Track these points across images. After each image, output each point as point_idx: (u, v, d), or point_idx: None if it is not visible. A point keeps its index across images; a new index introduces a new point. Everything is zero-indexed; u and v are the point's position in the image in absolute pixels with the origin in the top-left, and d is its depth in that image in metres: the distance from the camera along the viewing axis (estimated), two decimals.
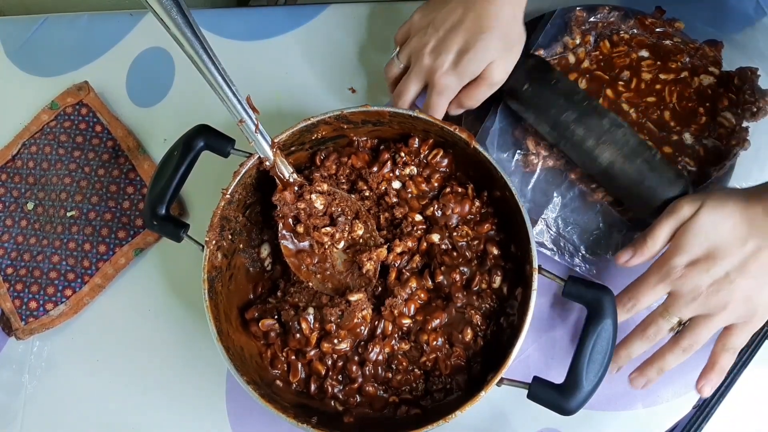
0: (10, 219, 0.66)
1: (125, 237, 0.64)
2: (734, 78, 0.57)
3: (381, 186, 0.55)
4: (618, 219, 0.56)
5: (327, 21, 0.69)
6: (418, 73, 0.54)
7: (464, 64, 0.51)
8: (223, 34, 0.70)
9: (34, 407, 0.61)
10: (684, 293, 0.47)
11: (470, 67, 0.52)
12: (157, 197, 0.51)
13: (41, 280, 0.63)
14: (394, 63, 0.57)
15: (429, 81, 0.54)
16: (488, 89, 0.54)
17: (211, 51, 0.41)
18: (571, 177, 0.57)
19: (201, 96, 0.66)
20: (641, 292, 0.48)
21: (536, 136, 0.57)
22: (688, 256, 0.47)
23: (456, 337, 0.51)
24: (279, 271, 0.57)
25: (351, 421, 0.51)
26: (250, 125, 0.47)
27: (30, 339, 0.63)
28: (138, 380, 0.61)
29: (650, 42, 0.60)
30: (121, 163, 0.67)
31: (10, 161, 0.68)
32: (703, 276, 0.46)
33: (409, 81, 0.55)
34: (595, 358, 0.44)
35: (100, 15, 0.74)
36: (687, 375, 0.55)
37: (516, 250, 0.52)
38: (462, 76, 0.52)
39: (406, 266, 0.54)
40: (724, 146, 0.55)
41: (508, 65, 0.53)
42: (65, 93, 0.69)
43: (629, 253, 0.50)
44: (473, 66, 0.52)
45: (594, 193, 0.56)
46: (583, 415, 0.50)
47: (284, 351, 0.53)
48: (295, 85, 0.68)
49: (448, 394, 0.52)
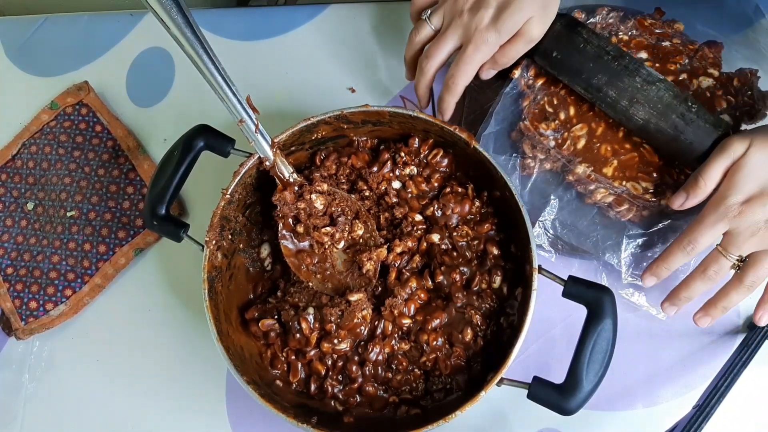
0: (10, 219, 0.66)
1: (125, 237, 0.64)
2: (734, 80, 0.57)
3: (381, 186, 0.55)
4: (616, 221, 0.56)
5: (327, 21, 0.70)
6: (455, 30, 0.53)
7: (504, 18, 0.51)
8: (223, 34, 0.70)
9: (34, 407, 0.61)
10: (742, 230, 0.47)
11: (510, 22, 0.51)
12: (157, 197, 0.51)
13: (41, 280, 0.63)
14: (425, 26, 0.55)
15: (466, 38, 0.53)
16: (525, 45, 0.53)
17: (211, 51, 0.41)
18: (569, 179, 0.57)
19: (201, 96, 0.66)
20: (700, 232, 0.48)
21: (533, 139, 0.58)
22: (743, 194, 0.47)
23: (456, 337, 0.51)
24: (279, 271, 0.57)
25: (351, 421, 0.51)
26: (250, 125, 0.47)
27: (30, 339, 0.63)
28: (138, 380, 0.61)
29: (649, 43, 0.60)
30: (121, 163, 0.67)
31: (10, 161, 0.68)
32: (759, 211, 0.46)
33: (443, 39, 0.53)
34: (595, 358, 0.44)
35: (100, 15, 0.74)
36: (687, 375, 0.55)
37: (516, 250, 0.52)
38: (502, 32, 0.52)
39: (406, 266, 0.54)
40: None
41: (545, 22, 0.53)
42: (65, 93, 0.69)
43: (683, 195, 0.50)
44: (514, 20, 0.51)
45: (592, 195, 0.56)
46: (583, 415, 0.50)
47: (284, 351, 0.53)
48: (295, 85, 0.68)
49: (448, 394, 0.52)
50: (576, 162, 0.57)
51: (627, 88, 0.53)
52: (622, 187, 0.55)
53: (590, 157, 0.57)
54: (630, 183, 0.56)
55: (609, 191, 0.56)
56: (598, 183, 0.56)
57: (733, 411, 0.52)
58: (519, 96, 0.59)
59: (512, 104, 0.59)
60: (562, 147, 0.57)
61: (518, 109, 0.58)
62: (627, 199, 0.55)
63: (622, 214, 0.56)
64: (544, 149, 0.57)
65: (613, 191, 0.55)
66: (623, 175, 0.56)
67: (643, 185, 0.56)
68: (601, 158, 0.56)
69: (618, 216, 0.56)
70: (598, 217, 0.56)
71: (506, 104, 0.59)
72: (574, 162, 0.57)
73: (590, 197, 0.56)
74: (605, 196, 0.56)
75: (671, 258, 0.50)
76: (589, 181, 0.56)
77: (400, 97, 0.66)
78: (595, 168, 0.56)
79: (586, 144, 0.57)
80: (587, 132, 0.57)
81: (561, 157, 0.57)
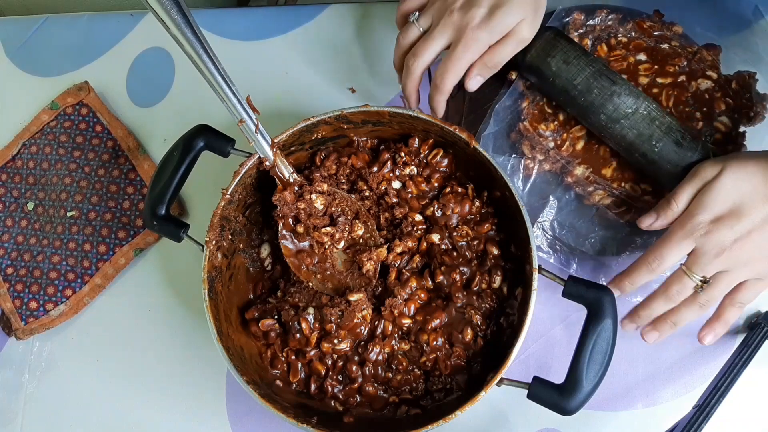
0: (10, 219, 0.66)
1: (125, 237, 0.64)
2: (732, 82, 0.57)
3: (381, 186, 0.55)
4: (615, 222, 0.56)
5: (327, 21, 0.70)
6: (444, 29, 0.52)
7: (497, 18, 0.50)
8: (223, 34, 0.70)
9: (34, 407, 0.61)
10: (707, 250, 0.47)
11: (502, 23, 0.51)
12: (157, 197, 0.51)
13: (41, 280, 0.63)
14: (413, 27, 0.54)
15: (457, 36, 0.52)
16: (515, 47, 0.53)
17: (211, 51, 0.41)
18: (567, 180, 0.57)
19: (201, 96, 0.66)
20: (666, 248, 0.48)
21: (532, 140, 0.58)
22: (712, 213, 0.47)
23: (456, 337, 0.51)
24: (279, 271, 0.57)
25: (351, 421, 0.51)
26: (250, 125, 0.47)
27: (30, 339, 0.63)
28: (138, 380, 0.61)
29: (648, 45, 0.60)
30: (121, 163, 0.67)
31: (10, 161, 0.68)
32: (727, 232, 0.46)
33: (432, 37, 0.52)
34: (595, 358, 0.44)
35: (100, 15, 0.74)
36: (687, 375, 0.55)
37: (516, 250, 0.52)
38: (493, 32, 0.51)
39: (406, 266, 0.54)
40: (720, 151, 0.55)
41: (535, 24, 0.53)
42: (65, 93, 0.69)
43: (653, 216, 0.50)
44: (506, 21, 0.51)
45: (590, 196, 0.56)
46: (583, 415, 0.50)
47: (284, 351, 0.53)
48: (295, 85, 0.68)
49: (448, 394, 0.52)
50: (575, 163, 0.57)
51: (594, 124, 0.54)
52: (621, 188, 0.55)
53: (589, 158, 0.57)
54: (629, 184, 0.56)
55: (608, 193, 0.56)
56: (597, 184, 0.56)
57: (733, 411, 0.52)
58: (518, 97, 0.59)
59: (512, 105, 0.59)
60: (561, 148, 0.57)
61: (518, 109, 0.59)
62: (626, 201, 0.55)
63: (620, 215, 0.56)
64: (544, 150, 0.57)
65: (611, 193, 0.55)
66: (622, 177, 0.56)
67: (642, 186, 0.56)
68: (600, 159, 0.57)
69: (617, 217, 0.56)
70: (597, 218, 0.56)
71: (506, 105, 0.59)
72: (573, 163, 0.57)
73: (589, 199, 0.56)
74: (604, 197, 0.56)
75: (635, 273, 0.49)
76: (588, 183, 0.56)
77: (400, 97, 0.65)
78: (594, 169, 0.56)
79: (585, 145, 0.57)
80: (586, 133, 0.57)
81: (560, 158, 0.57)
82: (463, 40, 0.51)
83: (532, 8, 0.52)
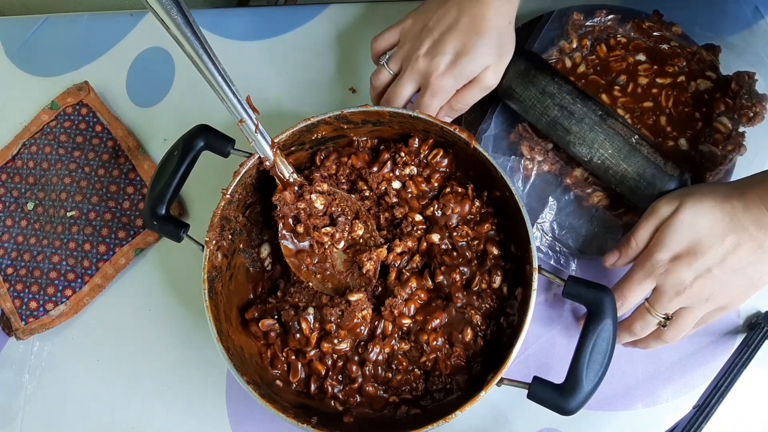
0: (10, 219, 0.66)
1: (125, 237, 0.64)
2: (731, 82, 0.57)
3: (381, 186, 0.55)
4: (613, 223, 0.56)
5: (327, 21, 0.70)
6: (412, 76, 0.54)
7: (461, 66, 0.52)
8: (223, 34, 0.71)
9: (34, 407, 0.61)
10: (668, 288, 0.47)
11: (467, 70, 0.52)
12: (157, 197, 0.51)
13: (41, 280, 0.63)
14: (384, 70, 0.56)
15: (424, 83, 0.54)
16: (481, 92, 0.54)
17: (211, 51, 0.41)
18: (566, 182, 0.57)
19: (201, 96, 0.66)
20: (628, 288, 0.49)
21: (531, 141, 0.58)
22: (670, 252, 0.47)
23: (456, 337, 0.51)
24: (279, 271, 0.57)
25: (351, 421, 0.51)
26: (250, 125, 0.47)
27: (30, 339, 0.63)
28: (138, 380, 0.61)
29: (647, 46, 0.60)
30: (121, 163, 0.67)
31: (10, 161, 0.68)
32: (686, 270, 0.47)
33: (401, 84, 0.54)
34: (595, 358, 0.44)
35: (100, 15, 0.74)
36: (687, 375, 0.55)
37: (516, 250, 0.52)
38: (458, 79, 0.53)
39: (406, 266, 0.54)
40: (720, 152, 0.55)
41: (500, 70, 0.54)
42: (65, 93, 0.69)
43: (615, 255, 0.52)
44: (470, 68, 0.52)
45: (589, 198, 0.56)
46: (583, 415, 0.51)
47: (284, 351, 0.53)
48: (295, 85, 0.68)
49: (448, 394, 0.52)
50: (573, 164, 0.57)
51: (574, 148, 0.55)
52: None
53: None
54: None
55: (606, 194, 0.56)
56: (595, 186, 0.56)
57: (733, 411, 0.52)
58: None
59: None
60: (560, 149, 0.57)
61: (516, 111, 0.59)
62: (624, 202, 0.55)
63: (619, 216, 0.56)
64: (543, 151, 0.57)
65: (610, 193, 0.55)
66: None
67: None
68: None
69: (616, 218, 0.56)
70: (596, 219, 0.56)
71: (505, 105, 0.59)
72: (572, 164, 0.57)
73: (588, 200, 0.56)
74: (602, 199, 0.56)
75: None
76: (587, 184, 0.56)
77: None
78: None
79: None
80: None
81: (559, 159, 0.57)
82: (430, 89, 0.53)
83: (497, 54, 0.52)
